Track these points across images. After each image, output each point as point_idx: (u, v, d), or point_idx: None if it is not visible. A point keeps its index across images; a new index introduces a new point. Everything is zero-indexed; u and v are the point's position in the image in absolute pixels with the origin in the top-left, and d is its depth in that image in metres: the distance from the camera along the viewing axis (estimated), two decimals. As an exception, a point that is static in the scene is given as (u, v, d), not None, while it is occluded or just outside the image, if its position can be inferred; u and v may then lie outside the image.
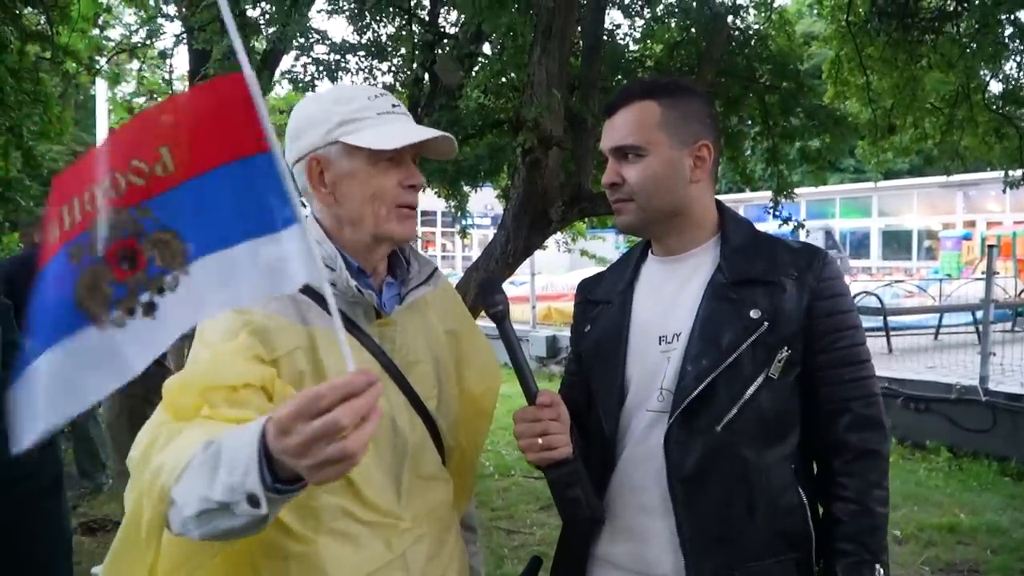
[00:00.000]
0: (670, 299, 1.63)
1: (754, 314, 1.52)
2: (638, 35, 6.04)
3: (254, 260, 0.96)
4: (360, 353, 1.47)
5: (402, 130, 1.48)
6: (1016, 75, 7.02)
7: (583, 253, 11.09)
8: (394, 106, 1.51)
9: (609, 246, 14.51)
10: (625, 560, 1.60)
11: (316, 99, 1.57)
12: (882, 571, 1.49)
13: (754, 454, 1.52)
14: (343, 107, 1.47)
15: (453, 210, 7.82)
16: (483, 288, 1.56)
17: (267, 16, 4.40)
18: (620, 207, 1.64)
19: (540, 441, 1.45)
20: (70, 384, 0.93)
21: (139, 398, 4.66)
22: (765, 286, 1.56)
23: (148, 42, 8.54)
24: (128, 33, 9.58)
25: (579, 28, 4.94)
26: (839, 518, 1.54)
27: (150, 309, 0.94)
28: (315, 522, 1.41)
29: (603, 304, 1.74)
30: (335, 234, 1.51)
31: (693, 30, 5.60)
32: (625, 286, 1.71)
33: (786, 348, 1.53)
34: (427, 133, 1.49)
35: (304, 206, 1.15)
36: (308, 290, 1.44)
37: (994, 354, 7.87)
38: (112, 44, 9.35)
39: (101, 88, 14.67)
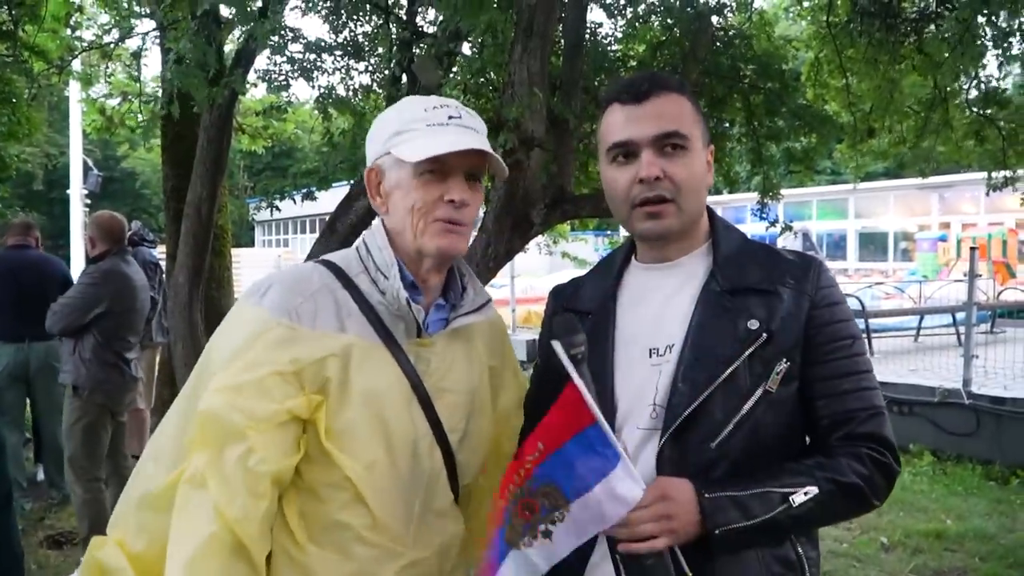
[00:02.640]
0: (660, 309, 1.53)
1: (752, 324, 1.43)
2: (620, 35, 5.95)
3: (608, 492, 1.34)
4: (391, 370, 1.44)
5: (442, 142, 1.43)
6: (997, 77, 6.99)
7: (564, 255, 11.00)
8: (451, 118, 1.47)
9: (590, 248, 14.44)
10: None
11: (384, 113, 1.56)
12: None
13: (750, 472, 1.42)
14: (399, 117, 1.48)
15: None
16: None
17: (238, 16, 4.27)
18: (659, 209, 1.49)
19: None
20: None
21: (98, 406, 4.60)
22: (761, 295, 1.46)
23: (120, 42, 8.37)
24: (100, 33, 9.40)
25: (560, 27, 4.84)
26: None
27: (547, 535, 1.38)
28: (323, 534, 1.40)
29: (582, 315, 1.60)
30: (393, 243, 1.49)
31: (676, 30, 5.52)
32: (607, 296, 1.61)
33: (784, 360, 1.43)
34: (460, 144, 1.43)
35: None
36: (359, 298, 1.44)
37: (976, 356, 7.85)
38: (84, 44, 9.16)
39: (74, 89, 14.50)
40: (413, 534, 1.45)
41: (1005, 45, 5.90)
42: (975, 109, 6.99)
